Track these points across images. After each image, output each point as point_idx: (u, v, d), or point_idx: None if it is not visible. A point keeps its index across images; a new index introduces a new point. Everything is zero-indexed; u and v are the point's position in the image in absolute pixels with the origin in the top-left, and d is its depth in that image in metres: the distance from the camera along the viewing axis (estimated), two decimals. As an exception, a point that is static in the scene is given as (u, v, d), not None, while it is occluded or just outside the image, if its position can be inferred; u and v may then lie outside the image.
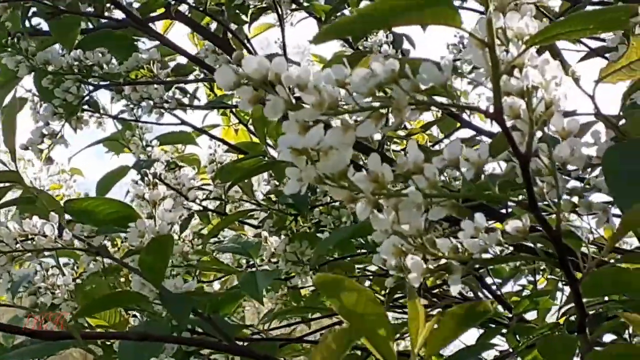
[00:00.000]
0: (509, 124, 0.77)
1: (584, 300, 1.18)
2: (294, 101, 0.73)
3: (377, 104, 0.73)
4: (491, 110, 0.75)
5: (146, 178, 1.15)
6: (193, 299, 1.12)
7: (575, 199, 0.99)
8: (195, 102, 1.99)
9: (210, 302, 1.18)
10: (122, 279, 1.51)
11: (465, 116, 1.79)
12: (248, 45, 1.82)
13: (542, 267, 2.13)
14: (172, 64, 1.87)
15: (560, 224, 0.80)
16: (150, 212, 1.15)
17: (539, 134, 0.79)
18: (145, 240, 1.13)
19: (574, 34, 0.74)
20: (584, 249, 0.88)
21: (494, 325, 1.78)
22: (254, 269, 1.59)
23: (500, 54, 0.75)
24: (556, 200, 0.81)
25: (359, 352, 1.56)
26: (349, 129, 0.74)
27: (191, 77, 1.89)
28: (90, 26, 1.82)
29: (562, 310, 1.43)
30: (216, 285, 2.08)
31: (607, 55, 1.10)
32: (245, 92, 0.73)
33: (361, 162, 1.47)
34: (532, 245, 0.86)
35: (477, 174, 0.79)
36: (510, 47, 0.76)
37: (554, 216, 0.82)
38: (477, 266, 1.75)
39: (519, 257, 0.85)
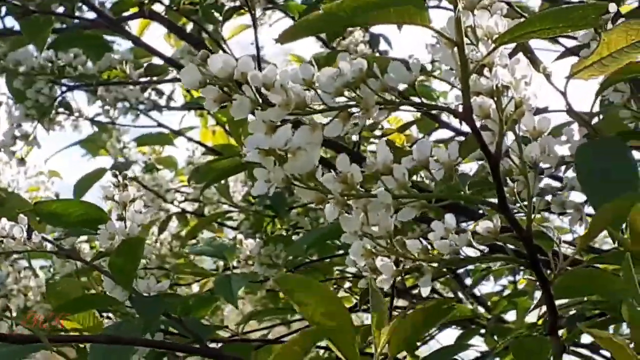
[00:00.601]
0: (479, 123, 0.77)
1: (563, 301, 1.17)
2: (260, 100, 0.72)
3: (345, 104, 0.72)
4: (460, 109, 0.75)
5: (116, 179, 1.14)
6: (164, 302, 1.11)
7: (548, 198, 0.99)
8: (172, 104, 1.98)
9: (181, 304, 1.16)
10: (95, 280, 1.49)
11: (444, 117, 1.79)
12: (224, 45, 1.80)
13: (521, 268, 2.13)
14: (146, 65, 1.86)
15: (531, 224, 0.79)
16: (121, 214, 1.14)
17: (510, 134, 0.79)
18: (115, 242, 1.12)
19: (544, 32, 0.74)
20: (559, 250, 0.86)
21: (473, 326, 1.78)
22: (229, 272, 1.58)
23: (470, 53, 0.75)
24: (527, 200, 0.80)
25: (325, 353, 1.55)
26: (316, 128, 0.73)
27: (168, 77, 1.87)
28: (65, 26, 1.80)
29: (541, 310, 1.42)
30: (195, 288, 2.07)
31: (580, 42, 1.10)
32: (211, 91, 0.72)
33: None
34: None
35: (449, 174, 0.78)
36: (479, 46, 0.75)
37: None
38: (454, 267, 1.75)
39: (490, 258, 0.84)
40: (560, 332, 1.13)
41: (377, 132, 1.65)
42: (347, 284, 1.99)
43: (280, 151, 0.73)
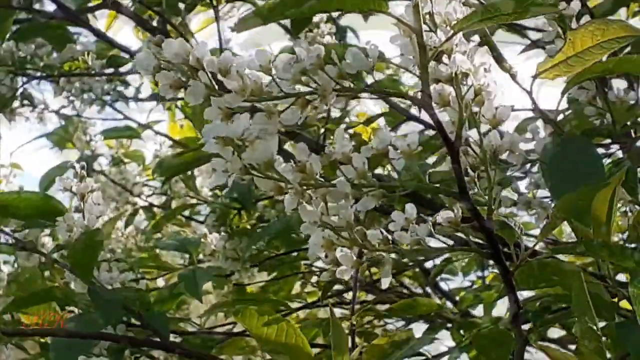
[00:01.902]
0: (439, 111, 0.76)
1: (529, 294, 1.17)
2: (216, 87, 0.71)
3: (302, 90, 0.71)
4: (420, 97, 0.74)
5: (74, 170, 1.13)
6: (123, 296, 1.10)
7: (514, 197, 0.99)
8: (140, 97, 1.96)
9: (141, 298, 1.15)
10: (57, 272, 1.48)
11: (413, 110, 1.78)
12: (190, 38, 1.79)
13: (490, 263, 2.13)
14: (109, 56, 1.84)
15: (492, 214, 0.78)
16: (79, 206, 1.12)
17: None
18: (74, 235, 1.10)
19: (502, 18, 0.73)
20: (520, 241, 0.85)
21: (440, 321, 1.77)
22: (194, 267, 1.57)
23: (429, 40, 0.74)
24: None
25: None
26: (272, 115, 0.72)
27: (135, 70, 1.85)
28: (29, 17, 1.78)
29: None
30: (160, 282, 2.05)
31: (545, 41, 1.10)
32: (165, 76, 0.71)
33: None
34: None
35: (409, 163, 0.77)
36: (438, 33, 0.74)
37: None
38: (416, 259, 1.74)
39: (451, 249, 0.84)
40: (527, 325, 1.13)
41: (344, 125, 1.64)
42: (314, 278, 1.98)
43: (238, 140, 0.72)
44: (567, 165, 0.97)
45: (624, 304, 0.95)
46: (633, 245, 1.10)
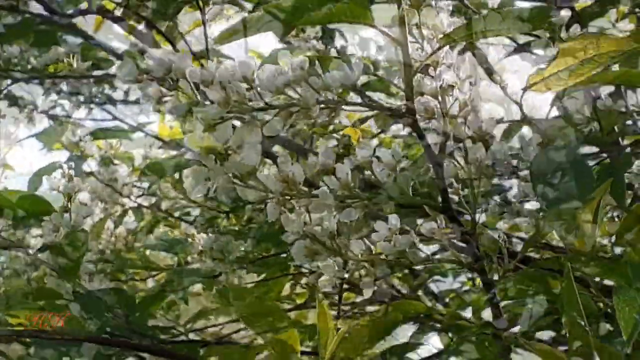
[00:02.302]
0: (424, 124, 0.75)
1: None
2: (199, 98, 0.70)
3: (285, 102, 0.71)
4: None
5: (61, 170, 1.12)
6: (105, 298, 1.09)
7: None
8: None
9: (126, 301, 1.14)
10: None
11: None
12: (179, 39, 1.78)
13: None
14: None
15: (475, 227, 0.78)
16: (66, 206, 1.12)
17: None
18: (60, 235, 1.10)
19: (490, 33, 0.73)
20: (504, 252, 0.85)
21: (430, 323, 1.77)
22: (182, 267, 1.57)
23: (414, 53, 0.73)
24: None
25: None
26: (255, 127, 0.71)
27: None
28: (19, 19, 1.77)
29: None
30: (150, 283, 2.04)
31: (535, 50, 1.09)
32: (146, 87, 0.70)
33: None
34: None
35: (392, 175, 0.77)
36: (424, 45, 0.74)
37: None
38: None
39: (434, 261, 0.83)
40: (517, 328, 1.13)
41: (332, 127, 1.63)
42: (304, 279, 1.98)
43: (220, 150, 0.71)
44: (556, 176, 0.97)
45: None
46: (620, 249, 1.11)
